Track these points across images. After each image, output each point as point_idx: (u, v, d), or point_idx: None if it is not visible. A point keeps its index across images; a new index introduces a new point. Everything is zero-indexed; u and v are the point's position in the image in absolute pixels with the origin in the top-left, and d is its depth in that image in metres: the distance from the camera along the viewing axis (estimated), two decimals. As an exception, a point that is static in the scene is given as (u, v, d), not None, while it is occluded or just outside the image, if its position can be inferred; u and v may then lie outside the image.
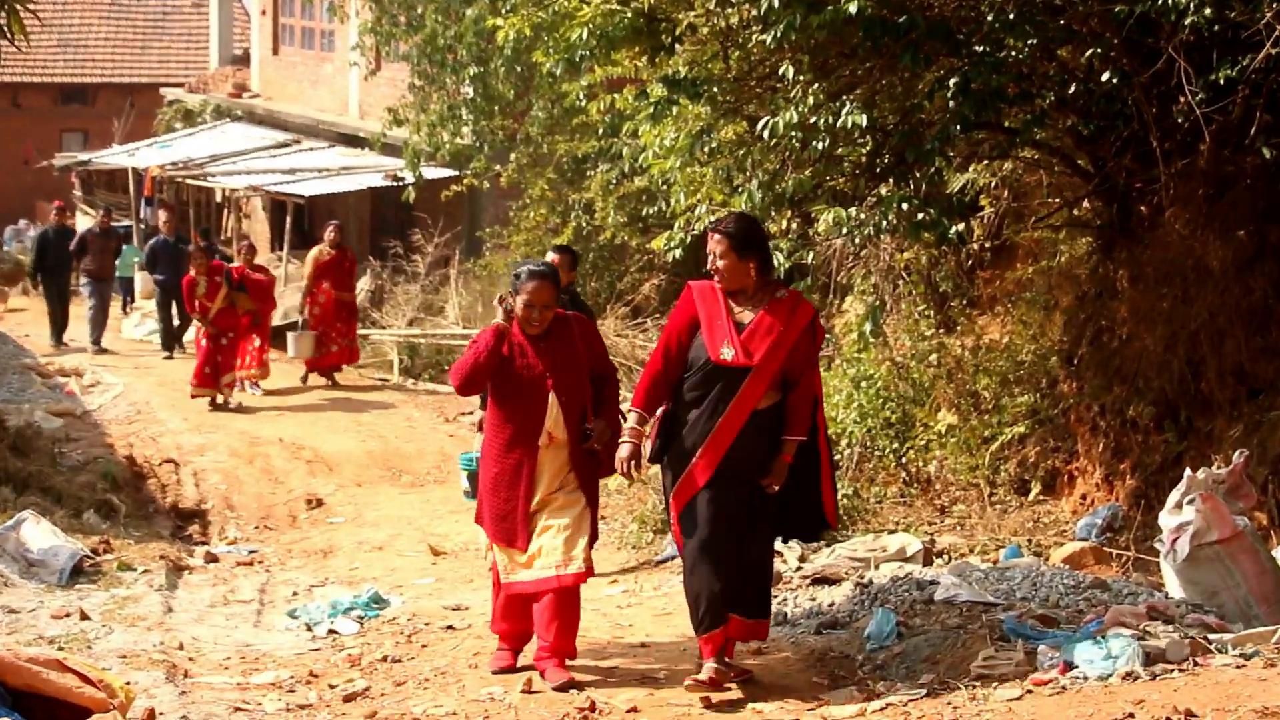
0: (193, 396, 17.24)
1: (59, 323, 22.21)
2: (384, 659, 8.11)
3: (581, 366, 7.42)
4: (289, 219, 24.73)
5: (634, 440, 7.08)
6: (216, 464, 14.86)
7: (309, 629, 9.07)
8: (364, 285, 21.71)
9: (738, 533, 7.03)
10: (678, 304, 7.14)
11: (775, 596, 8.72)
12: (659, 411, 7.15)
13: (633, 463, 7.08)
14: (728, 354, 6.90)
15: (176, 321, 20.98)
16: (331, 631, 8.98)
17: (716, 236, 7.00)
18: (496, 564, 7.54)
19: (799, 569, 9.42)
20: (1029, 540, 9.89)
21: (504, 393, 7.37)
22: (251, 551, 12.03)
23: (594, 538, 7.45)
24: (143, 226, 27.22)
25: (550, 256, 9.83)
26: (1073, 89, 9.44)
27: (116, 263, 23.35)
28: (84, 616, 8.85)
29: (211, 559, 11.46)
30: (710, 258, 7.00)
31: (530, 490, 7.35)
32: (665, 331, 7.16)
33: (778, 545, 9.53)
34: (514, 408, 7.32)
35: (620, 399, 7.70)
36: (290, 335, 19.28)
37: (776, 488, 7.04)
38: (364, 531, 12.64)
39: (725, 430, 6.94)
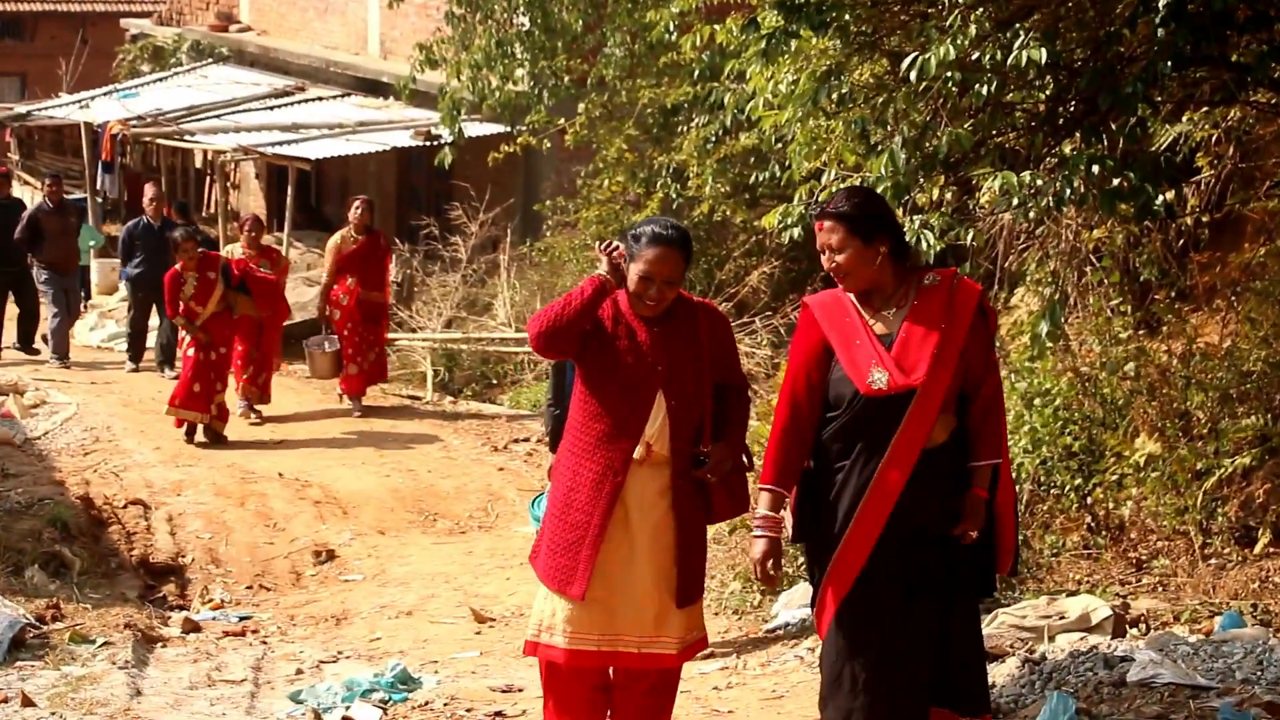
0: (177, 422, 17.38)
1: (26, 322, 22.41)
2: (415, 755, 8.27)
3: (703, 368, 7.27)
4: (290, 190, 25.00)
5: (770, 531, 6.74)
6: (198, 506, 15.05)
7: (317, 716, 9.20)
8: (389, 276, 21.96)
9: (924, 627, 6.73)
10: (797, 332, 6.91)
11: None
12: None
13: (770, 562, 6.75)
14: (880, 379, 6.59)
15: (155, 328, 21.10)
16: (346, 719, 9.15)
17: (827, 224, 6.77)
18: (540, 622, 7.31)
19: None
20: (1254, 605, 9.88)
21: (597, 377, 7.24)
22: (243, 618, 12.20)
23: (699, 592, 7.32)
24: (100, 200, 27.57)
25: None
26: (1328, 8, 9.41)
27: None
28: (27, 703, 9.00)
29: (192, 628, 11.63)
30: (824, 255, 6.79)
31: (608, 514, 7.13)
32: (789, 372, 6.87)
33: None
34: (608, 401, 7.20)
35: (747, 426, 7.69)
36: (308, 347, 19.20)
37: (975, 534, 6.72)
38: (388, 592, 12.80)
39: (888, 483, 6.60)
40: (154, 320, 21.20)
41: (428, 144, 23.71)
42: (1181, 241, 12.75)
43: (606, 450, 7.19)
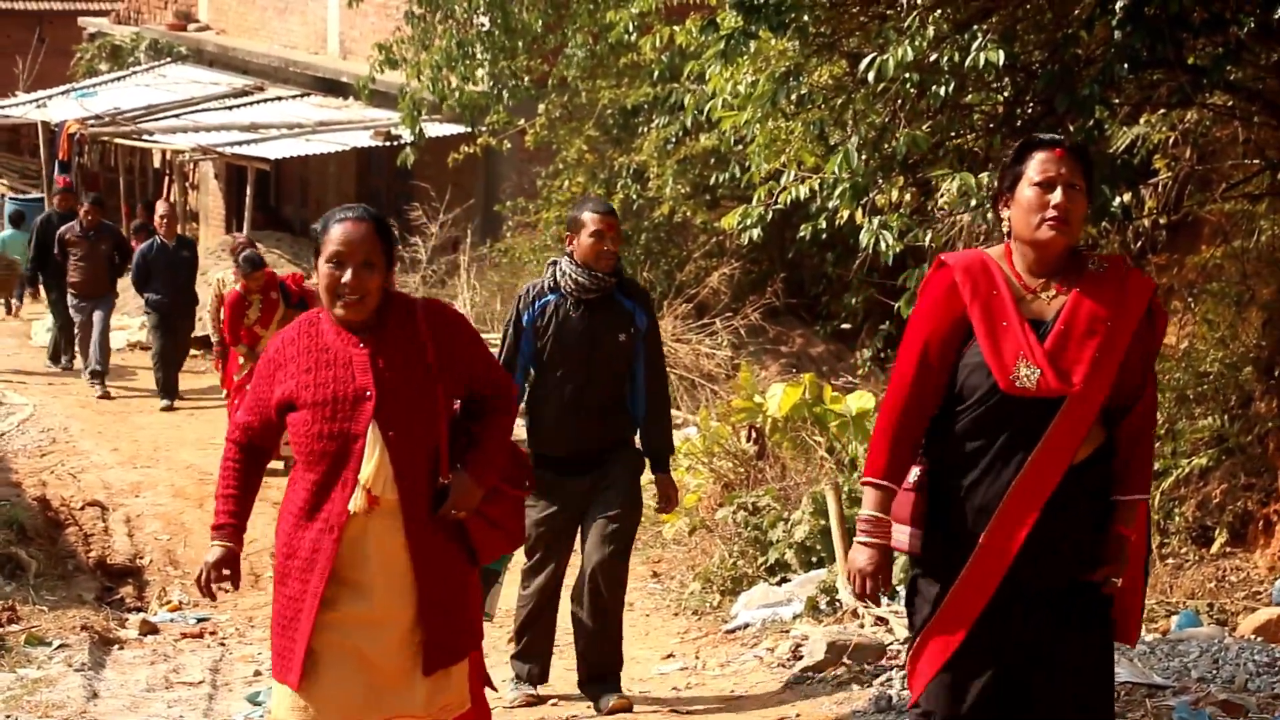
0: None
1: (67, 334, 21.88)
2: (373, 755, 8.26)
3: (431, 384, 6.10)
4: (249, 190, 24.99)
5: (877, 536, 5.61)
6: (156, 507, 15.05)
7: (276, 718, 9.23)
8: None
9: (1059, 686, 5.58)
10: (927, 295, 5.67)
11: (877, 675, 8.86)
12: (912, 477, 5.67)
13: (879, 576, 5.60)
14: (1029, 377, 5.43)
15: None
16: (305, 721, 9.14)
17: (1063, 154, 5.54)
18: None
19: (909, 640, 9.52)
20: (1210, 605, 9.95)
21: (304, 416, 6.00)
22: (201, 620, 12.20)
23: (457, 656, 6.19)
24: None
25: (587, 217, 8.90)
26: (1280, 12, 9.46)
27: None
28: (-17, 704, 9.04)
29: (149, 630, 11.63)
30: (1037, 192, 5.50)
31: (322, 583, 5.97)
32: (908, 343, 5.66)
33: (883, 611, 9.68)
34: (318, 443, 5.98)
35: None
36: None
37: (1119, 581, 5.62)
38: (347, 595, 12.74)
39: (1024, 502, 5.45)
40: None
41: (387, 144, 23.70)
42: (1139, 243, 12.81)
43: (322, 505, 5.98)
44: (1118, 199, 9.38)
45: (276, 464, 16.34)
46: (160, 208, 21.09)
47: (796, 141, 10.90)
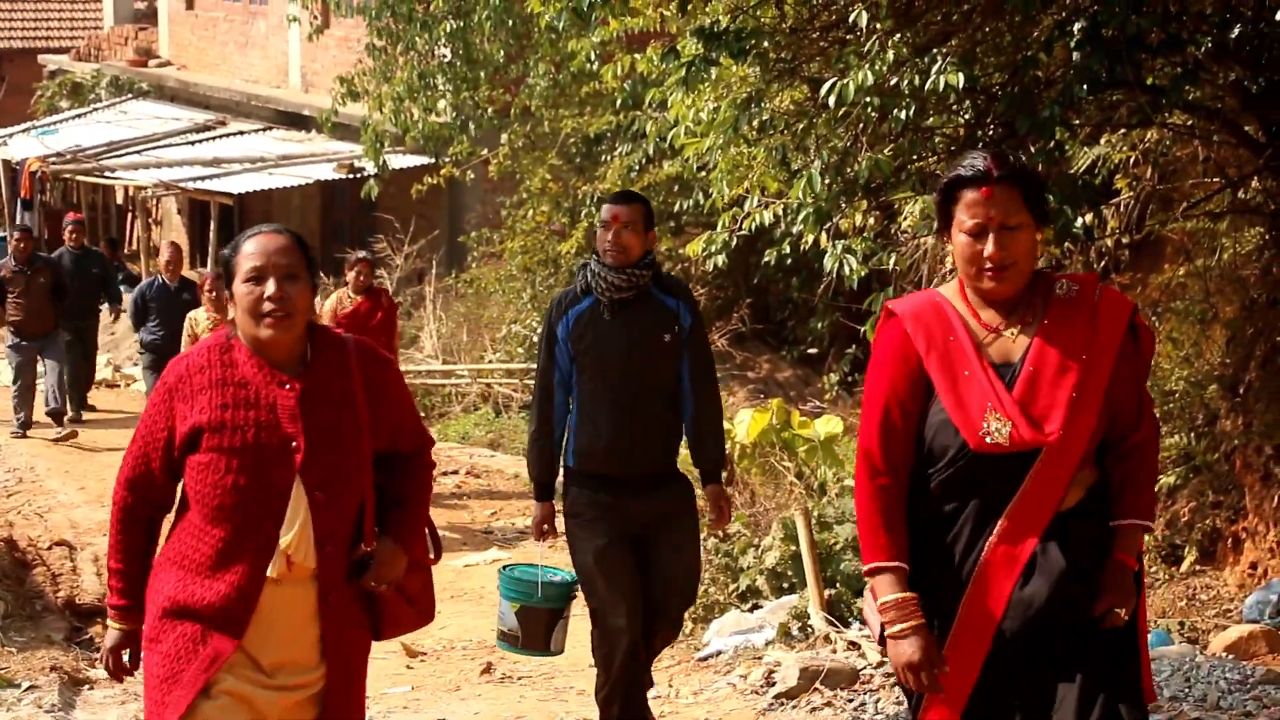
0: None
1: (81, 381, 21.30)
2: (346, 792, 8.25)
3: (360, 438, 5.45)
4: (213, 225, 24.99)
5: (912, 618, 4.95)
6: (124, 546, 14.99)
7: (248, 755, 9.21)
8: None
9: None
10: (878, 351, 5.18)
11: (851, 700, 8.87)
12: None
13: (933, 663, 4.92)
14: (999, 431, 4.92)
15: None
16: (277, 758, 9.12)
17: (999, 188, 4.94)
18: None
19: (881, 665, 9.54)
20: (1181, 623, 9.98)
21: (213, 462, 5.29)
22: (172, 657, 12.16)
23: None
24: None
25: (607, 212, 8.17)
26: (1237, 31, 9.49)
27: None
28: (-46, 746, 9.01)
29: (119, 668, 11.60)
30: (970, 239, 4.98)
31: (220, 660, 5.30)
32: (867, 409, 5.15)
33: (855, 635, 9.69)
34: (230, 496, 5.28)
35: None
36: None
37: (1125, 614, 5.01)
38: (317, 630, 12.72)
39: (1004, 563, 4.97)
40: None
41: (351, 177, 23.73)
42: (1103, 263, 12.87)
43: (230, 565, 5.29)
44: (1080, 219, 9.40)
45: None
46: (166, 251, 19.86)
47: (759, 167, 10.92)
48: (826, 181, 9.65)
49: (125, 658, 5.50)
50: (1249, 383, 10.81)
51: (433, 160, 20.75)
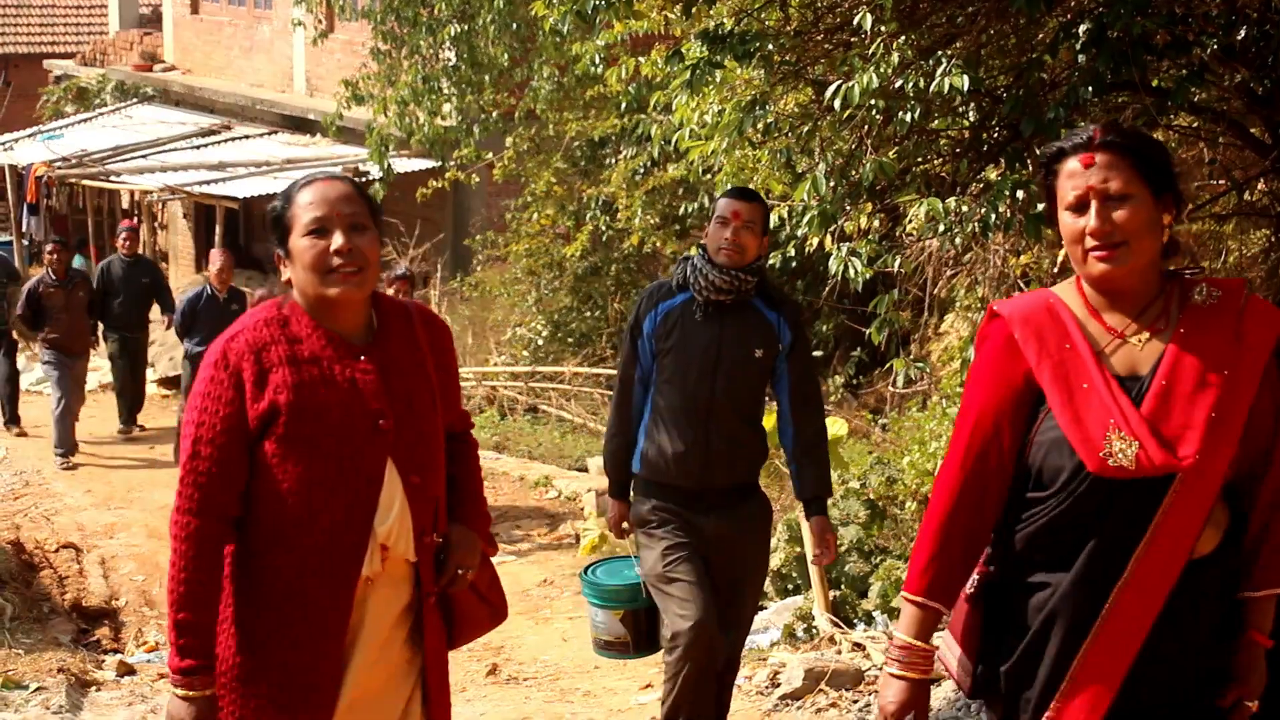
0: None
1: (129, 396, 20.66)
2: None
3: (435, 410, 4.94)
4: (219, 229, 24.99)
5: (913, 669, 4.42)
6: (131, 548, 15.02)
7: (255, 757, 9.22)
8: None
9: None
10: (981, 356, 4.50)
11: (856, 701, 8.87)
12: (964, 592, 4.54)
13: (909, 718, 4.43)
14: (1124, 452, 4.18)
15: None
16: (284, 760, 9.13)
17: (1103, 156, 4.27)
18: None
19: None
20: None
21: (288, 457, 4.65)
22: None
23: None
24: (26, 243, 27.50)
25: (720, 202, 7.75)
26: (1243, 33, 9.50)
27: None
28: (-38, 748, 9.03)
29: (126, 670, 11.61)
30: (1074, 215, 4.32)
31: (337, 674, 4.72)
32: (964, 421, 4.46)
33: (860, 637, 9.69)
34: (311, 492, 4.66)
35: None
36: None
37: (1254, 705, 4.34)
38: (325, 631, 12.71)
39: (1130, 617, 4.20)
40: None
41: (356, 180, 23.74)
42: (1108, 265, 12.86)
43: (317, 573, 4.66)
44: (1085, 221, 9.38)
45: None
46: (216, 259, 19.02)
47: (764, 170, 10.93)
48: (831, 184, 9.65)
49: None
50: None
51: (438, 164, 20.74)
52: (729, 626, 7.45)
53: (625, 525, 7.74)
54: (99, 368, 23.28)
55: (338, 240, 4.65)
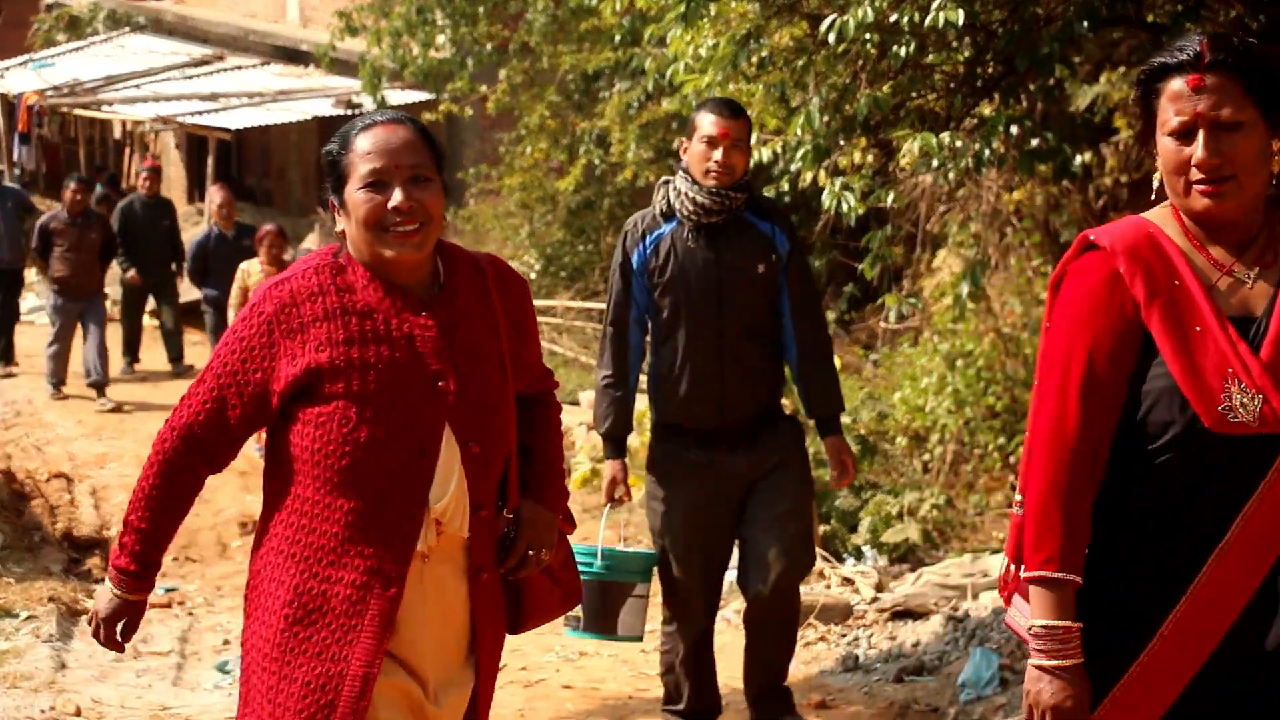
0: None
1: (168, 339, 20.00)
2: (342, 721, 8.28)
3: (504, 372, 4.47)
4: (211, 160, 24.93)
5: (1066, 655, 3.79)
6: (122, 478, 15.03)
7: (245, 686, 9.25)
8: (310, 244, 21.92)
9: None
10: (1076, 290, 3.86)
11: (844, 635, 8.90)
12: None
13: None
14: (1246, 407, 3.71)
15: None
16: (274, 689, 9.15)
17: (1212, 79, 3.75)
18: None
19: (875, 600, 9.59)
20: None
21: (336, 418, 4.25)
22: (169, 590, 12.19)
23: None
24: (18, 173, 27.44)
25: (701, 118, 7.24)
26: (1238, -34, 9.51)
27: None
28: (-48, 675, 9.05)
29: (117, 600, 11.64)
30: (1178, 140, 3.82)
31: (377, 657, 4.24)
32: (1054, 364, 3.87)
33: (849, 571, 9.72)
34: (361, 456, 4.23)
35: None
36: None
37: None
38: (314, 562, 12.74)
39: (1229, 580, 3.77)
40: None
41: (349, 112, 23.67)
42: (1101, 202, 12.88)
43: (364, 544, 4.24)
44: (1078, 158, 9.42)
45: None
46: (217, 195, 18.32)
47: (758, 104, 10.90)
48: (825, 119, 9.64)
49: (119, 628, 4.52)
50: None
51: (431, 96, 20.72)
52: (769, 565, 6.97)
53: (620, 491, 7.23)
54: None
55: (397, 196, 4.22)
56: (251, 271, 15.38)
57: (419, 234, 4.24)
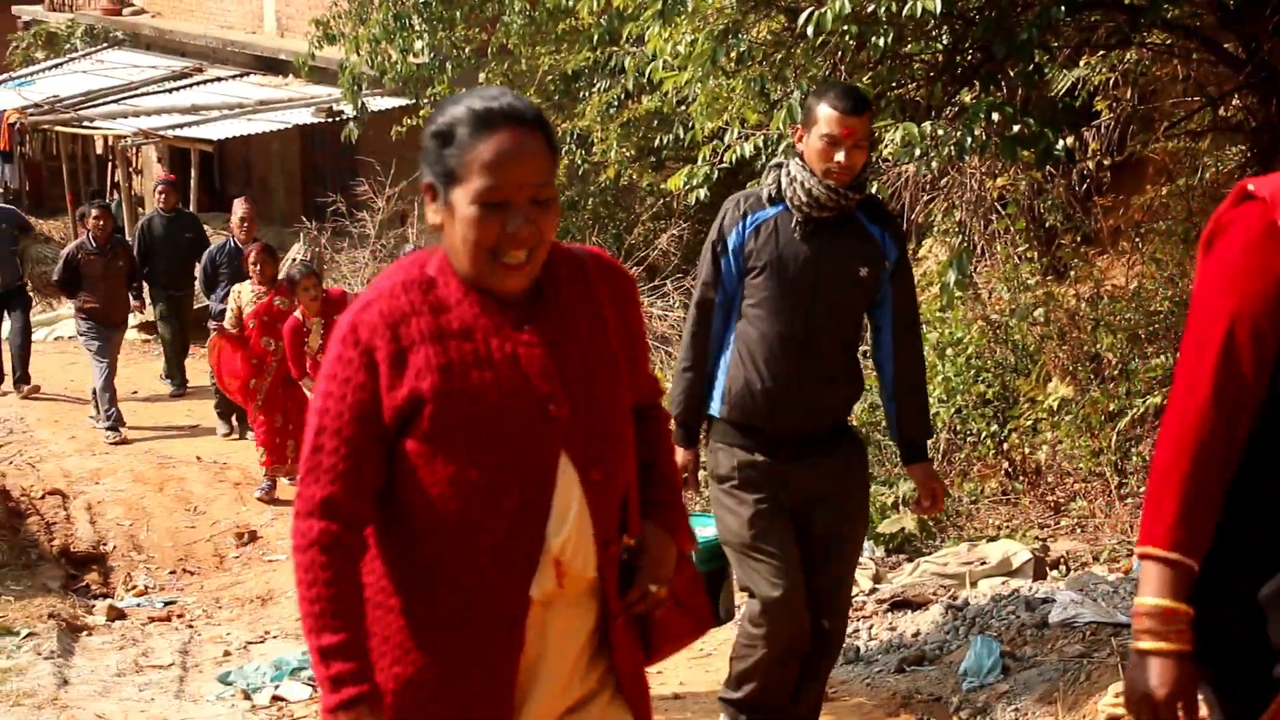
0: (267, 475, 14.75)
1: (177, 352, 19.50)
2: (346, 730, 8.29)
3: (618, 386, 3.92)
4: (194, 172, 24.92)
5: (1172, 638, 3.43)
6: (117, 493, 15.03)
7: (247, 697, 9.24)
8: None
9: None
10: (1232, 244, 3.52)
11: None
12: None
13: (1183, 706, 3.45)
14: None
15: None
16: (277, 699, 9.14)
17: None
18: None
19: (874, 591, 9.59)
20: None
21: (437, 456, 3.72)
22: (168, 603, 12.20)
23: None
24: (0, 191, 27.41)
25: (823, 112, 6.45)
26: (1214, -52, 9.52)
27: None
28: (-46, 695, 9.05)
29: (116, 615, 11.62)
30: None
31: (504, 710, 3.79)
32: (1204, 325, 3.50)
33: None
34: (466, 497, 3.71)
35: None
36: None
37: None
38: (311, 571, 12.72)
39: None
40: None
41: (330, 120, 23.66)
42: (1084, 185, 12.90)
43: (475, 591, 3.74)
44: (1061, 142, 9.40)
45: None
46: (239, 208, 17.69)
47: (738, 99, 10.90)
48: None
49: None
50: (1233, 300, 10.81)
51: (412, 101, 20.67)
52: (824, 593, 6.57)
53: (686, 477, 6.69)
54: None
55: (515, 222, 3.65)
56: (243, 292, 14.99)
57: (529, 265, 3.72)
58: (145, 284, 18.62)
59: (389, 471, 3.74)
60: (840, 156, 6.25)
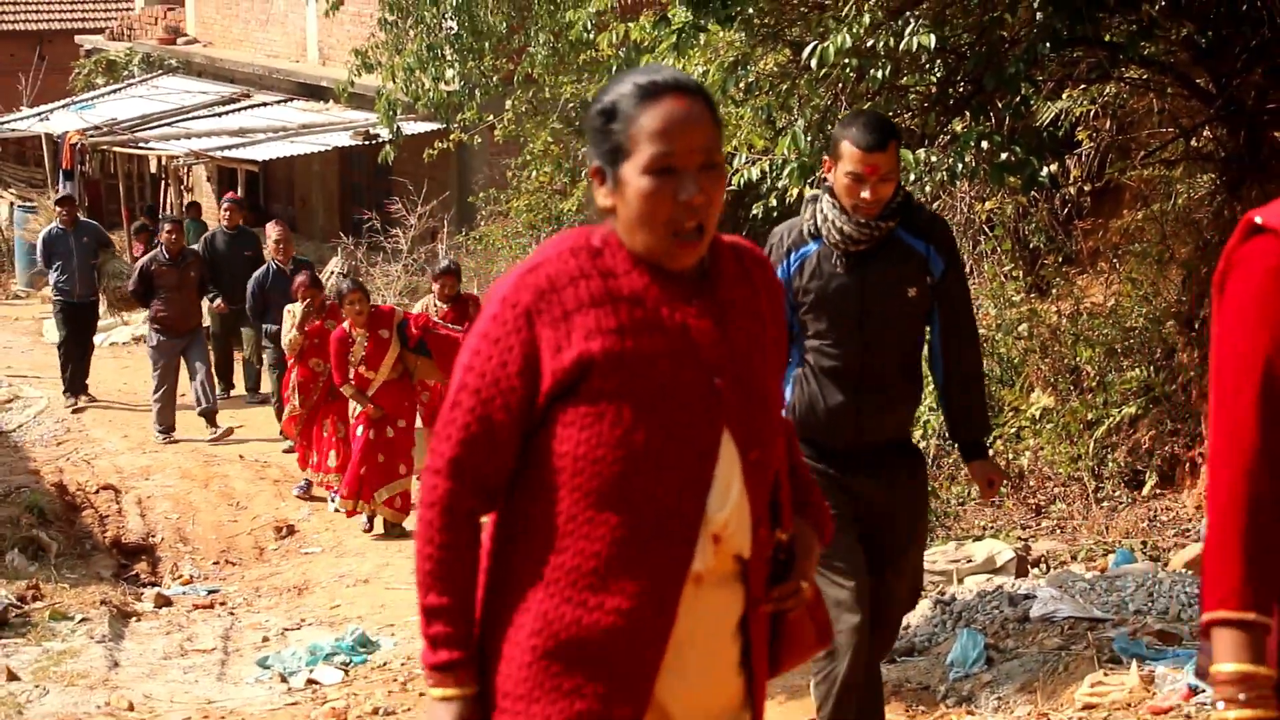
0: (350, 512, 13.59)
1: (247, 366, 18.90)
2: (374, 711, 8.26)
3: (771, 369, 3.58)
4: (240, 190, 24.92)
5: (1257, 705, 2.96)
6: (165, 489, 15.03)
7: (284, 680, 9.23)
8: (334, 267, 21.85)
9: None
10: (1245, 281, 3.08)
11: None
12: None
13: None
14: None
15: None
16: (311, 682, 9.13)
17: None
18: None
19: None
20: (1143, 543, 9.99)
21: (605, 425, 3.36)
22: (211, 591, 12.19)
23: None
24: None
25: (846, 148, 6.00)
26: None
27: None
28: (12, 677, 9.01)
29: (164, 602, 11.62)
30: None
31: (640, 703, 3.36)
32: (1236, 366, 3.07)
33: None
34: (632, 466, 3.34)
35: None
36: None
37: None
38: (346, 562, 12.79)
39: None
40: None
41: (367, 143, 23.69)
42: (1066, 210, 12.87)
43: (634, 566, 3.33)
44: (1045, 169, 9.38)
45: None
46: (274, 231, 17.23)
47: (746, 126, 10.90)
48: (809, 138, 9.62)
49: None
50: (1204, 318, 10.81)
51: (443, 126, 20.68)
52: (884, 606, 6.24)
53: None
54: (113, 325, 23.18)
55: (688, 189, 3.32)
56: (296, 313, 14.42)
57: (703, 238, 3.38)
58: (214, 297, 18.01)
59: (534, 437, 3.40)
60: (866, 193, 5.86)
